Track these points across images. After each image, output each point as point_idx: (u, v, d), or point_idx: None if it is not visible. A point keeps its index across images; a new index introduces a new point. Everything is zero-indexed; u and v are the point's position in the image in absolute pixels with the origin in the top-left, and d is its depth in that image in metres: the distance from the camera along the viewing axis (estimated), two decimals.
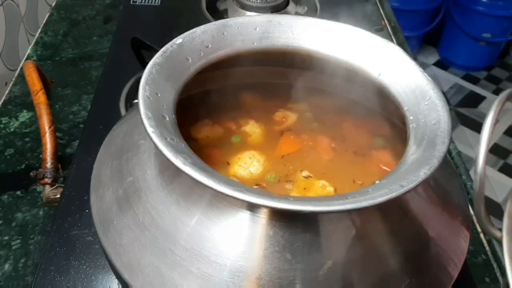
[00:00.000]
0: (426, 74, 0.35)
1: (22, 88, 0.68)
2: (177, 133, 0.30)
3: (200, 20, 0.64)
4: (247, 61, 0.40)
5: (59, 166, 0.53)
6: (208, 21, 0.39)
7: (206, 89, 0.42)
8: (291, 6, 0.80)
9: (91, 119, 0.59)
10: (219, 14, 0.78)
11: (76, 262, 0.44)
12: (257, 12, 0.76)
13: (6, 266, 0.47)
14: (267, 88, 0.44)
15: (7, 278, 0.46)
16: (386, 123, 0.41)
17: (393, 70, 0.37)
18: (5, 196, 0.54)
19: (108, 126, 0.40)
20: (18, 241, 0.50)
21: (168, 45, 0.35)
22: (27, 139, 0.61)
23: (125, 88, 0.63)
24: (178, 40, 0.36)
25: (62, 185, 0.51)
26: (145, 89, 0.31)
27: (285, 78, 0.43)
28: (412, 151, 0.31)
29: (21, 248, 0.49)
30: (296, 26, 0.40)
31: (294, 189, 0.37)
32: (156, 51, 0.34)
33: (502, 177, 1.62)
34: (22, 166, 0.57)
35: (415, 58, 0.37)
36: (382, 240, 0.30)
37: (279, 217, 0.28)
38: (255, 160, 0.39)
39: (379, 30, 0.81)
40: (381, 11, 0.88)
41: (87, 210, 0.48)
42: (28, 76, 0.62)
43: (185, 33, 0.37)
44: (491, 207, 0.30)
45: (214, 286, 0.28)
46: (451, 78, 2.08)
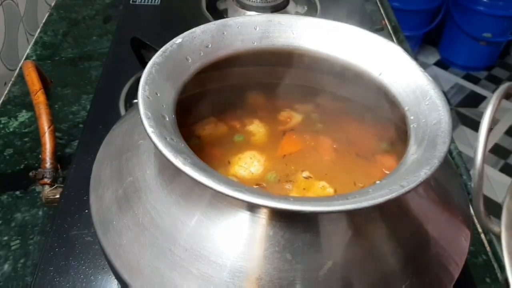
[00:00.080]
0: (426, 74, 0.35)
1: (21, 88, 0.68)
2: (177, 133, 0.30)
3: (200, 20, 0.63)
4: (247, 61, 0.40)
5: (59, 166, 0.53)
6: (208, 21, 0.39)
7: (211, 87, 0.42)
8: (291, 6, 0.80)
9: (90, 119, 0.59)
10: (219, 14, 0.78)
11: (76, 263, 0.44)
12: (257, 11, 0.76)
13: (6, 266, 0.47)
14: (272, 88, 0.44)
15: (7, 279, 0.46)
16: (392, 128, 0.40)
17: (393, 70, 0.37)
18: (4, 196, 0.54)
19: (108, 126, 0.40)
20: (18, 241, 0.50)
21: (167, 45, 0.35)
22: (26, 139, 0.61)
23: (124, 88, 0.63)
24: (178, 40, 0.36)
25: (62, 185, 0.51)
26: (145, 89, 0.31)
27: (287, 78, 0.43)
28: (413, 151, 0.31)
29: (21, 249, 0.49)
30: (296, 26, 0.40)
31: (293, 189, 0.37)
32: (156, 51, 0.34)
33: (503, 177, 1.62)
34: (22, 166, 0.57)
35: (415, 58, 0.37)
36: (382, 240, 0.30)
37: (279, 217, 0.28)
38: (255, 160, 0.39)
39: (379, 29, 0.81)
40: (382, 11, 0.88)
41: (86, 210, 0.48)
42: (28, 76, 0.62)
43: (185, 33, 0.37)
44: (492, 207, 0.30)
45: (214, 286, 0.28)
46: (451, 78, 2.07)
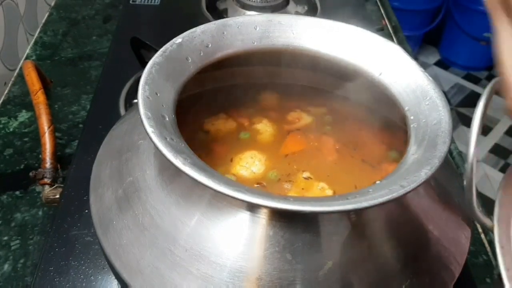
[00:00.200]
0: (427, 74, 0.35)
1: (21, 88, 0.68)
2: (177, 133, 0.30)
3: (200, 20, 0.63)
4: (247, 61, 0.40)
5: (59, 166, 0.53)
6: (208, 20, 0.39)
7: (219, 86, 0.42)
8: (291, 6, 0.80)
9: (90, 119, 0.59)
10: (219, 14, 0.78)
11: (76, 263, 0.44)
12: (257, 11, 0.76)
13: (6, 266, 0.47)
14: (280, 88, 0.44)
15: (7, 279, 0.46)
16: (403, 138, 0.40)
17: (393, 70, 0.37)
18: (4, 196, 0.54)
19: (108, 126, 0.40)
20: (17, 241, 0.49)
21: (167, 44, 0.35)
22: (26, 139, 0.61)
23: (124, 88, 0.63)
24: (178, 39, 0.36)
25: (62, 185, 0.51)
26: (145, 89, 0.31)
27: (287, 79, 0.43)
28: (413, 151, 0.31)
29: (20, 249, 0.49)
30: (296, 26, 0.39)
31: (292, 189, 0.37)
32: (156, 50, 0.34)
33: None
34: (21, 166, 0.57)
35: (415, 58, 0.37)
36: (383, 240, 0.30)
37: (279, 217, 0.28)
38: (256, 160, 0.39)
39: (379, 29, 0.81)
40: (382, 11, 0.88)
41: (86, 211, 0.48)
42: (27, 76, 0.62)
43: (185, 33, 0.37)
44: (493, 207, 0.30)
45: (214, 286, 0.28)
46: (452, 78, 2.07)
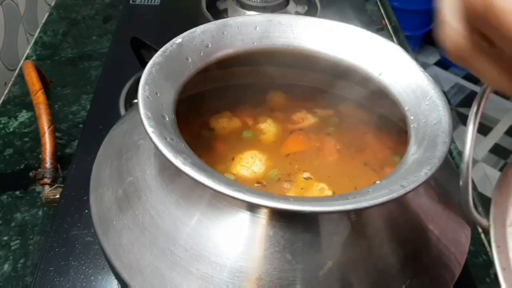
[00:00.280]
0: (426, 73, 0.35)
1: (21, 88, 0.68)
2: (177, 133, 0.30)
3: (200, 20, 0.64)
4: (247, 61, 0.40)
5: (59, 166, 0.53)
6: (208, 20, 0.39)
7: (226, 84, 0.42)
8: (291, 6, 0.80)
9: (90, 119, 0.59)
10: (219, 14, 0.78)
11: (76, 263, 0.44)
12: (257, 11, 0.76)
13: (6, 266, 0.47)
14: (286, 88, 0.44)
15: (7, 279, 0.46)
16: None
17: (393, 69, 0.37)
18: (4, 196, 0.54)
19: (108, 126, 0.40)
20: (17, 241, 0.50)
21: (167, 44, 0.35)
22: (26, 139, 0.61)
23: (124, 88, 0.63)
24: (178, 39, 0.36)
25: (62, 185, 0.51)
26: (145, 89, 0.31)
27: (288, 79, 0.43)
28: (413, 151, 0.31)
29: (20, 249, 0.49)
30: (296, 26, 0.39)
31: (292, 189, 0.37)
32: (156, 50, 0.34)
33: None
34: (21, 166, 0.57)
35: (415, 58, 0.37)
36: (383, 240, 0.30)
37: (279, 217, 0.28)
38: (257, 159, 0.39)
39: (379, 29, 0.81)
40: (382, 11, 0.88)
41: (86, 211, 0.48)
42: (27, 76, 0.62)
43: (185, 33, 0.37)
44: None
45: (214, 286, 0.28)
46: (452, 78, 2.07)
